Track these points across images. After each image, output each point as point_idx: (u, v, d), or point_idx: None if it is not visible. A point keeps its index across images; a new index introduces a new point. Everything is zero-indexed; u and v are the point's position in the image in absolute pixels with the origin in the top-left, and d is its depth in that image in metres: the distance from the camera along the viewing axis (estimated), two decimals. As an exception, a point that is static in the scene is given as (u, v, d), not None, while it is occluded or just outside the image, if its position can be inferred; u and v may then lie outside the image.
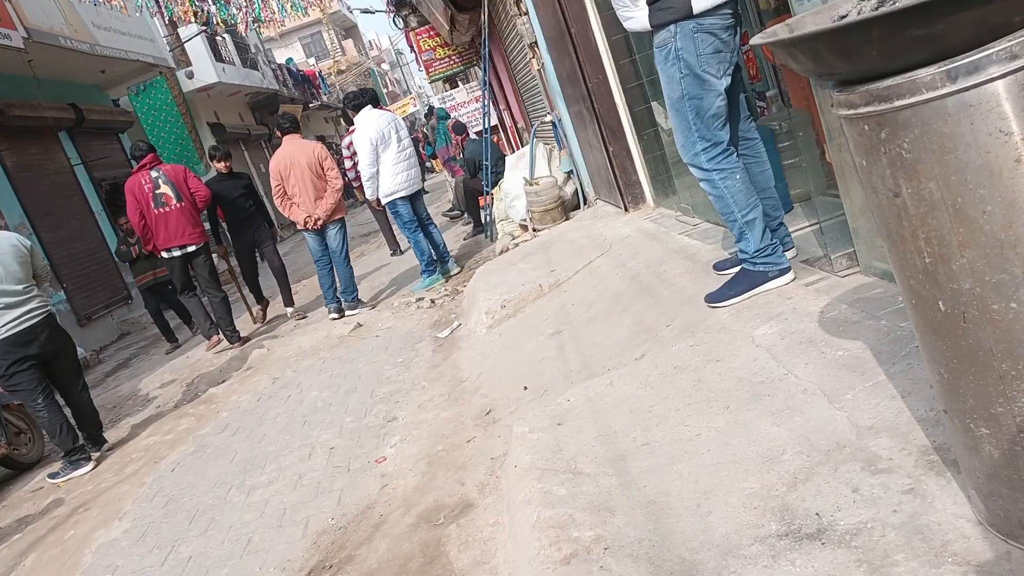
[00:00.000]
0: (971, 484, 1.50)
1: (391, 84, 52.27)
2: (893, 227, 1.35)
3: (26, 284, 4.92)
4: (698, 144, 3.02)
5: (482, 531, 2.57)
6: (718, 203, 3.09)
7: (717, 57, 2.92)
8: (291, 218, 6.91)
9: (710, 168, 3.03)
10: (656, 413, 2.50)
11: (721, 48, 2.92)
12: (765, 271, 3.07)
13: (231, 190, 7.61)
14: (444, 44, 14.54)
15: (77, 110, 11.74)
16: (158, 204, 6.84)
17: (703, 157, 3.03)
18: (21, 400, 5.16)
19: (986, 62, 1.16)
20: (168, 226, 6.88)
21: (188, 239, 6.97)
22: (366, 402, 4.42)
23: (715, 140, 2.99)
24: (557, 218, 7.15)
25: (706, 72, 2.93)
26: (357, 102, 7.00)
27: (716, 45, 2.90)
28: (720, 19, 2.89)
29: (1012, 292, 1.23)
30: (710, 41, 2.90)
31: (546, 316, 4.47)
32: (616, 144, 5.76)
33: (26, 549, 4.01)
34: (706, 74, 2.93)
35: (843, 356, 2.32)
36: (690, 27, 2.89)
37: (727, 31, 2.91)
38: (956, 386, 1.38)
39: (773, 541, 1.70)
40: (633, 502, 2.05)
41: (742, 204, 3.01)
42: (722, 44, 2.91)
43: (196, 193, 7.02)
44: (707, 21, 2.88)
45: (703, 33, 2.89)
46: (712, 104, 2.95)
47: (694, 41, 2.90)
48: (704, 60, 2.92)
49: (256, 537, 3.20)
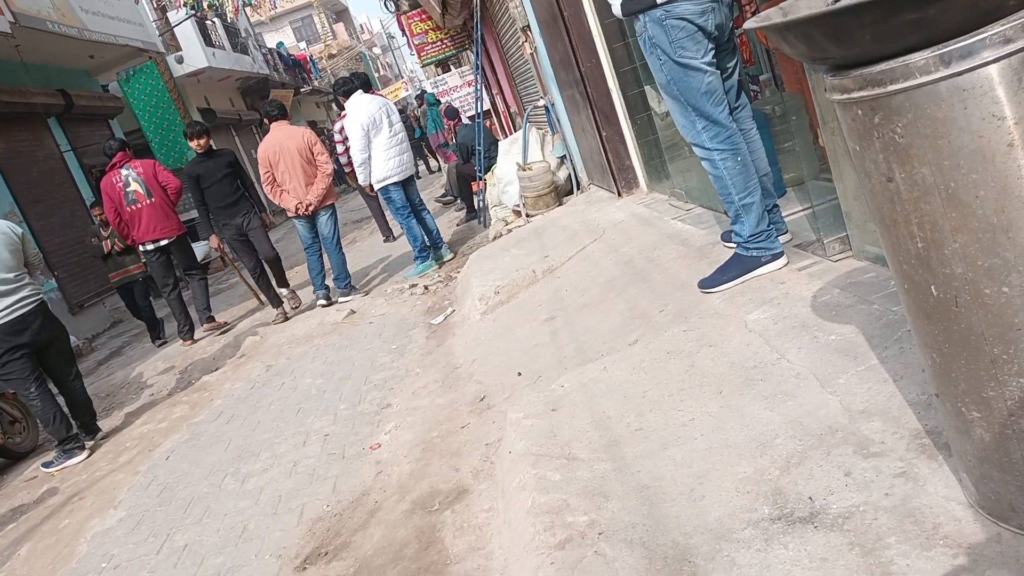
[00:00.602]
0: (962, 467, 1.50)
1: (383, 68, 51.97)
2: (886, 212, 1.35)
3: (17, 272, 4.89)
4: (698, 123, 3.00)
5: (477, 517, 2.58)
6: (717, 184, 3.08)
7: (694, 38, 2.88)
8: (281, 205, 6.88)
9: (711, 147, 3.00)
10: (650, 398, 2.51)
11: (695, 32, 2.87)
12: (758, 256, 3.07)
13: (213, 171, 6.84)
14: (436, 28, 14.47)
15: (66, 96, 11.64)
16: (130, 202, 7.05)
17: (705, 136, 3.00)
18: (14, 389, 5.14)
19: (979, 46, 1.16)
20: (141, 222, 7.10)
21: (161, 233, 7.17)
22: (360, 389, 4.42)
23: (713, 118, 2.97)
24: (550, 203, 7.14)
25: (683, 56, 2.90)
26: (347, 88, 6.96)
27: (689, 29, 2.86)
28: (693, 4, 2.84)
29: (1004, 277, 1.23)
30: (682, 26, 2.86)
31: (540, 302, 4.47)
32: (609, 128, 5.75)
33: (20, 538, 4.01)
34: (684, 58, 2.90)
35: (836, 340, 2.33)
36: (658, 15, 2.87)
37: (703, 16, 2.85)
38: (948, 370, 1.39)
39: (766, 525, 1.71)
40: (627, 487, 2.05)
41: (740, 187, 3.00)
42: (696, 28, 2.86)
43: (167, 186, 7.19)
44: (677, 8, 2.84)
45: (672, 19, 2.86)
46: (701, 83, 2.93)
47: (664, 28, 2.88)
48: (678, 45, 2.89)
49: (251, 525, 3.21)
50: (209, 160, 6.87)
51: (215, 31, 19.74)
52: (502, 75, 11.68)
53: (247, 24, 23.22)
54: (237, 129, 21.21)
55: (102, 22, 12.01)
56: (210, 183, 6.83)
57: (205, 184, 6.83)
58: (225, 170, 6.87)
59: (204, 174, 6.82)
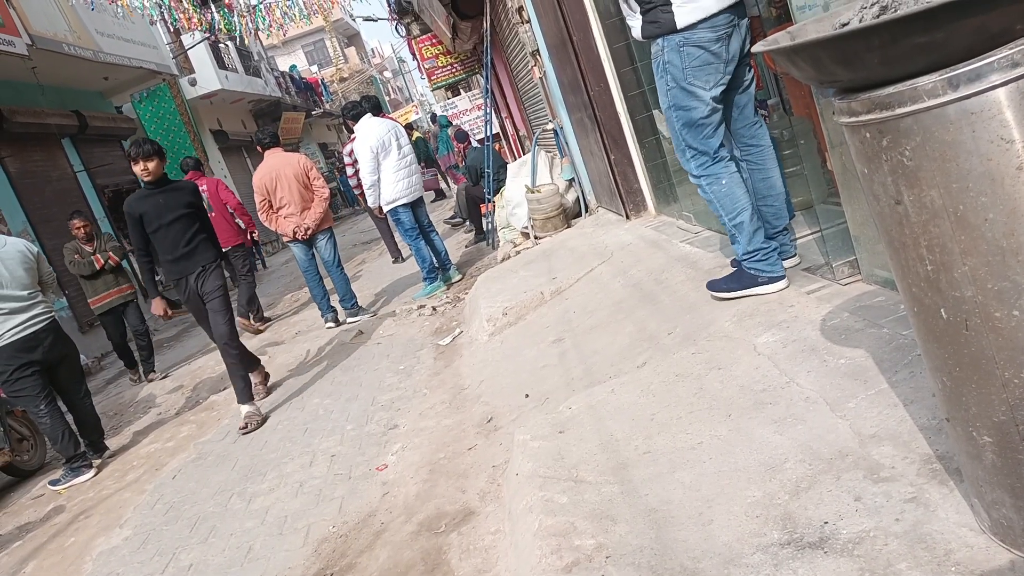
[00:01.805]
0: (974, 493, 1.49)
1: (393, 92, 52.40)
2: (895, 234, 1.35)
3: (31, 290, 4.94)
4: (687, 152, 3.11)
5: (483, 539, 2.57)
6: (710, 206, 3.19)
7: (706, 69, 2.95)
8: (279, 231, 6.94)
9: (698, 175, 3.11)
10: (658, 421, 2.50)
11: (712, 60, 2.94)
12: (755, 275, 3.13)
13: (161, 210, 4.85)
14: (446, 52, 14.59)
15: (80, 117, 11.78)
16: None
17: (692, 164, 3.11)
18: (24, 406, 5.16)
19: (987, 70, 1.16)
20: None
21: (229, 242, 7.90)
22: (367, 409, 4.42)
23: (702, 149, 3.05)
24: (559, 225, 7.16)
25: (692, 85, 2.97)
26: (355, 112, 7.03)
27: (705, 58, 2.93)
28: (710, 31, 2.90)
29: (1014, 300, 1.23)
30: (697, 54, 2.93)
31: (548, 323, 4.47)
32: (618, 152, 5.77)
33: (27, 556, 4.00)
34: (692, 86, 2.97)
35: (845, 364, 2.32)
36: (676, 41, 2.93)
37: (718, 43, 2.91)
38: (958, 394, 1.38)
39: (775, 550, 1.69)
40: (635, 510, 2.04)
41: (728, 208, 3.08)
42: (712, 56, 2.93)
43: (227, 203, 8.11)
44: (694, 35, 2.91)
45: (690, 47, 2.92)
46: (699, 115, 3.00)
47: (680, 55, 2.94)
48: (690, 73, 2.96)
49: (257, 545, 3.19)
50: (158, 195, 4.88)
51: (228, 54, 19.97)
52: (511, 98, 11.76)
53: (260, 47, 23.47)
54: (248, 151, 21.38)
55: (117, 44, 12.18)
56: (157, 226, 4.87)
57: (151, 227, 4.89)
58: (180, 210, 4.91)
59: (149, 213, 4.88)
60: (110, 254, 7.26)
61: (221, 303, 4.99)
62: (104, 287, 7.30)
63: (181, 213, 4.93)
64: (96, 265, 7.16)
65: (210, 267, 5.02)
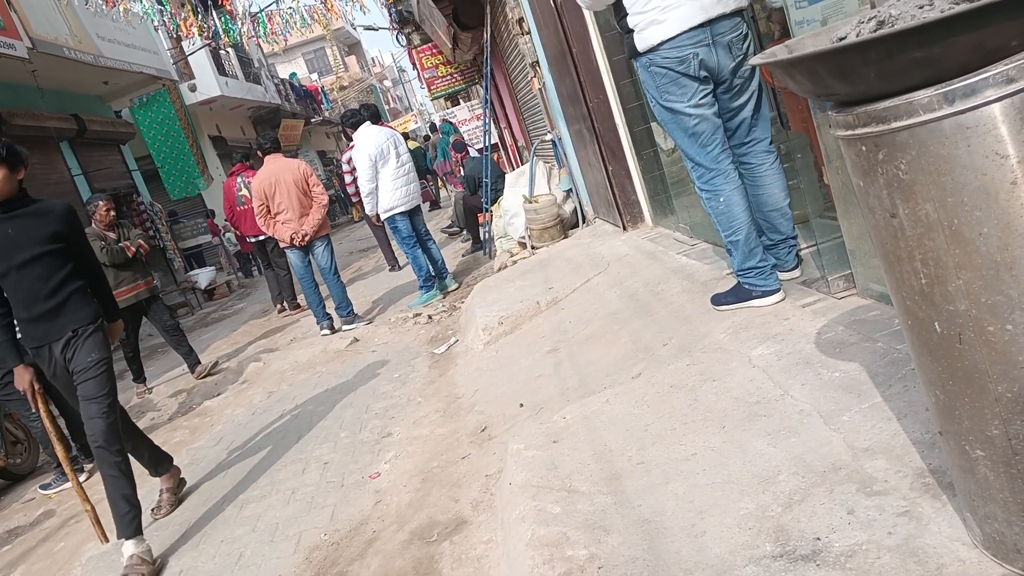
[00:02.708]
0: (966, 507, 1.49)
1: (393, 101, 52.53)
2: (890, 248, 1.36)
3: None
4: (688, 163, 3.16)
5: (476, 548, 2.56)
6: (710, 218, 3.24)
7: (678, 84, 2.98)
8: (276, 236, 6.94)
9: (699, 187, 3.16)
10: (652, 432, 2.50)
11: (676, 78, 2.97)
12: (750, 289, 3.17)
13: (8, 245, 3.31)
14: (446, 62, 14.65)
15: (79, 120, 11.78)
16: (239, 203, 8.69)
17: (693, 175, 3.17)
18: (16, 409, 5.14)
19: (983, 85, 1.17)
20: (246, 220, 8.55)
21: (259, 231, 8.16)
22: (361, 417, 4.40)
23: (698, 160, 3.09)
24: (556, 236, 7.17)
25: (669, 101, 3.03)
26: (354, 120, 7.05)
27: (671, 76, 2.97)
28: (673, 51, 2.93)
29: (1008, 314, 1.23)
30: (663, 74, 2.98)
31: (543, 333, 4.47)
32: (615, 163, 5.78)
33: (15, 560, 3.97)
34: (670, 102, 3.03)
35: (839, 377, 2.32)
36: (643, 62, 3.02)
37: (682, 63, 2.94)
38: (952, 408, 1.38)
39: (768, 562, 1.69)
40: (628, 521, 2.04)
41: (724, 225, 3.13)
42: (678, 75, 2.96)
43: None
44: (657, 56, 2.96)
45: (656, 68, 2.99)
46: (687, 126, 3.04)
47: (650, 74, 3.02)
48: (664, 90, 3.02)
49: (248, 552, 3.18)
50: (6, 222, 3.32)
51: (228, 60, 20.02)
52: (510, 109, 11.79)
53: (260, 54, 23.54)
54: (248, 157, 21.37)
55: (118, 49, 12.20)
56: (5, 269, 3.33)
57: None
58: (40, 247, 3.36)
59: None
60: (140, 242, 6.57)
61: (97, 386, 3.38)
62: (132, 279, 6.50)
63: (41, 251, 3.34)
64: (128, 253, 6.43)
65: (84, 332, 3.43)
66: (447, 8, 9.77)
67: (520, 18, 7.30)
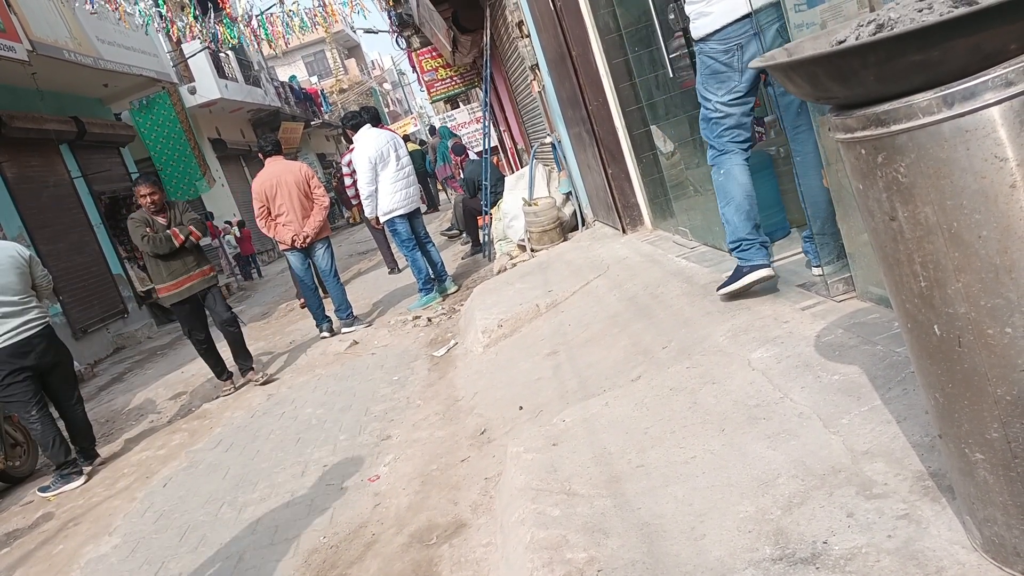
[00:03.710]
0: (966, 510, 1.49)
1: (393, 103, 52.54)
2: (889, 251, 1.36)
3: (23, 295, 4.91)
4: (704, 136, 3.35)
5: (475, 551, 2.55)
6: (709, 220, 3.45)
7: (717, 78, 3.15)
8: (276, 238, 6.93)
9: (710, 162, 3.35)
10: (651, 435, 2.50)
11: (722, 69, 3.12)
12: (741, 266, 3.28)
13: None
14: (446, 65, 14.66)
15: (79, 123, 11.78)
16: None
17: (708, 151, 3.35)
18: (15, 411, 5.13)
19: (982, 88, 1.17)
20: None
21: None
22: (360, 420, 4.40)
23: (711, 142, 3.29)
24: (555, 239, 7.17)
25: (705, 88, 3.20)
26: (355, 122, 7.05)
27: (715, 67, 3.14)
28: (718, 43, 3.09)
29: (1007, 317, 1.23)
30: (708, 63, 3.15)
31: (543, 336, 4.47)
32: (615, 166, 5.79)
33: (14, 563, 3.97)
34: (705, 90, 3.21)
35: (839, 380, 2.32)
36: (697, 49, 3.21)
37: (727, 54, 3.08)
38: (951, 411, 1.38)
39: (767, 565, 1.68)
40: (627, 524, 2.03)
41: (720, 196, 3.33)
42: (723, 66, 3.12)
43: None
44: (707, 46, 3.13)
45: (703, 56, 3.17)
46: (711, 115, 3.21)
47: (700, 61, 3.21)
48: (703, 79, 3.20)
49: (247, 555, 3.17)
50: None
51: (228, 63, 20.03)
52: (510, 112, 11.80)
53: (260, 57, 23.55)
54: (247, 160, 21.41)
55: (117, 52, 12.20)
56: None
57: None
58: None
59: None
60: (191, 228, 5.84)
61: None
62: (183, 269, 5.85)
63: None
64: (176, 241, 5.74)
65: None
66: (447, 11, 9.78)
67: (520, 21, 7.31)
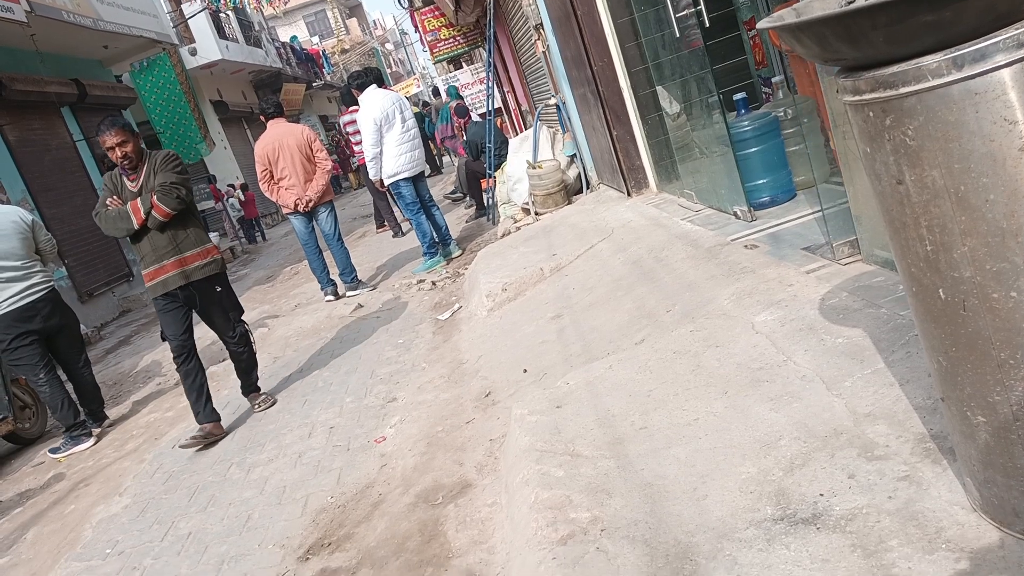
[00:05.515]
0: (966, 471, 1.50)
1: (395, 64, 51.97)
2: (895, 214, 1.35)
3: (26, 260, 4.92)
4: None
5: (480, 511, 2.59)
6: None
7: None
8: (279, 202, 6.90)
9: None
10: (655, 397, 2.51)
11: None
12: None
13: None
14: (449, 24, 14.48)
15: (79, 85, 11.69)
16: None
17: None
18: (24, 374, 5.18)
19: (993, 50, 1.16)
20: None
21: None
22: (366, 382, 4.43)
23: None
24: (559, 202, 7.14)
25: None
26: (361, 81, 6.98)
27: None
28: None
29: (1013, 281, 1.23)
30: None
31: (547, 300, 4.48)
32: (620, 128, 5.74)
33: (27, 523, 4.04)
34: None
35: (842, 343, 2.33)
36: None
37: None
38: (954, 374, 1.39)
39: (768, 525, 1.71)
40: (630, 485, 2.06)
41: None
42: None
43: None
44: None
45: None
46: None
47: None
48: None
49: (255, 514, 3.22)
50: None
51: (229, 24, 19.80)
52: (514, 73, 11.67)
53: (261, 18, 23.26)
54: (249, 122, 21.27)
55: (117, 13, 12.05)
56: None
57: None
58: None
59: None
60: (153, 199, 3.98)
61: None
62: (153, 256, 4.12)
63: None
64: (134, 220, 4.02)
65: None
66: (450, -31, 9.63)
67: (524, -20, 7.20)
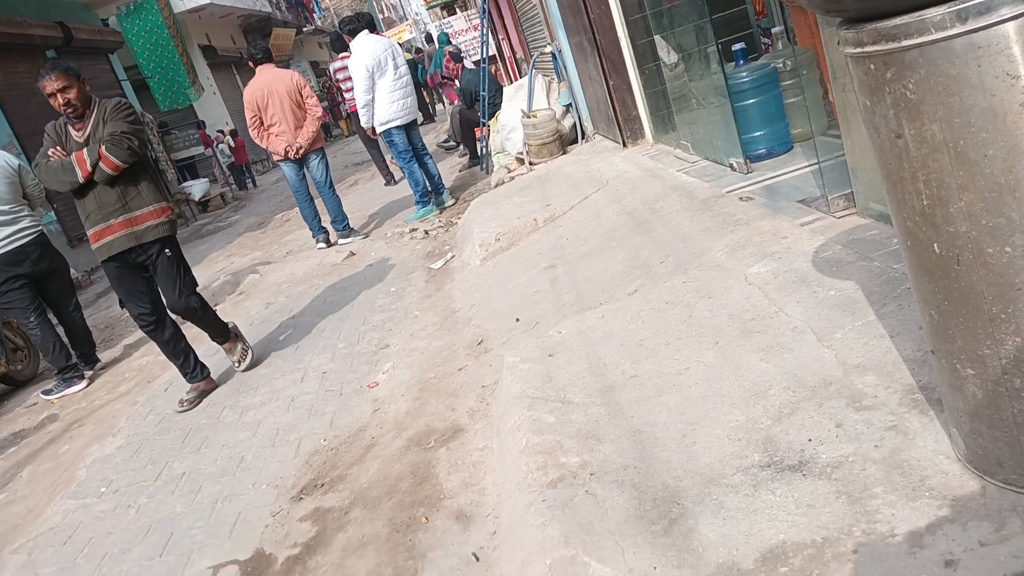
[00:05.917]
0: (953, 423, 1.54)
1: (387, 10, 50.94)
2: (893, 168, 1.36)
3: (13, 204, 4.90)
4: None
5: (471, 455, 2.63)
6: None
7: None
8: (269, 148, 6.82)
9: None
10: (646, 347, 2.54)
11: None
12: None
13: None
14: (443, -32, 14.17)
15: (65, 28, 11.44)
16: None
17: None
18: (14, 318, 5.19)
19: (998, 3, 1.15)
20: None
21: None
22: (358, 329, 4.45)
23: None
24: (554, 152, 7.10)
25: None
26: (353, 26, 6.84)
27: None
28: None
29: (1008, 236, 1.25)
30: None
31: (540, 250, 4.48)
32: (617, 78, 5.68)
33: (22, 461, 4.08)
34: None
35: (835, 296, 2.35)
36: None
37: None
38: (945, 327, 1.41)
39: (755, 471, 1.75)
40: (620, 431, 2.10)
41: None
42: None
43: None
44: None
45: None
46: None
47: None
48: None
49: (249, 455, 3.27)
50: None
51: (218, -36, 19.31)
52: (509, 19, 11.48)
53: (250, -42, 22.69)
54: (238, 68, 20.90)
55: (103, -50, 11.75)
56: None
57: None
58: None
59: None
60: (101, 150, 3.63)
61: None
62: (99, 214, 3.78)
63: None
64: (79, 173, 3.67)
65: None
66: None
67: (521, -78, 7.04)
